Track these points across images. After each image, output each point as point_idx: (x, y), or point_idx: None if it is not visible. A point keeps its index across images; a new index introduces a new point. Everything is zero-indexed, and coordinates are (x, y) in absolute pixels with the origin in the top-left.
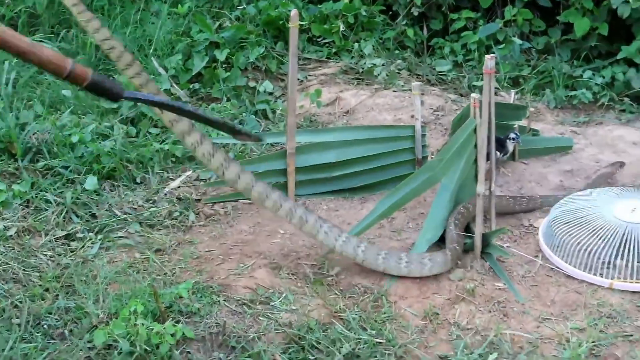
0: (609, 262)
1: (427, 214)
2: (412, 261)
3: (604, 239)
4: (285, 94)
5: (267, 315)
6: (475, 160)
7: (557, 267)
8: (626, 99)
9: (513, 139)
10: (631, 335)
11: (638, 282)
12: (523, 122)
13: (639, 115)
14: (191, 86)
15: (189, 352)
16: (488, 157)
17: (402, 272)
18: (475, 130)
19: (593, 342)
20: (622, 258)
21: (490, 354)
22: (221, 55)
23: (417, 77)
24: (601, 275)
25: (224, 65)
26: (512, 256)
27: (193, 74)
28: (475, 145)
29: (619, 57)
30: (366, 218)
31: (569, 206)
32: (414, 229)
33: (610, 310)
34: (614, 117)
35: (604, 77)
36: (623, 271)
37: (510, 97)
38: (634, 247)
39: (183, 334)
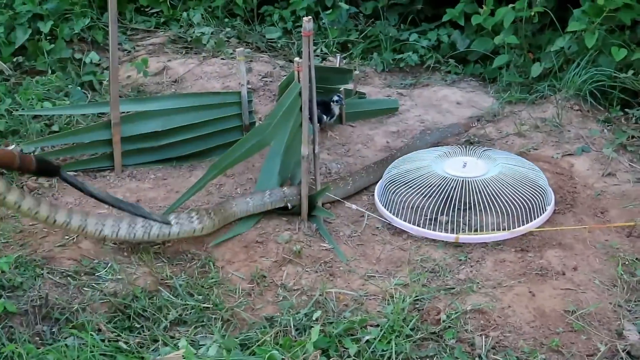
0: (451, 220)
1: (256, 179)
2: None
3: (440, 196)
4: None
5: (92, 285)
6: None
7: (387, 220)
8: (451, 61)
9: (336, 101)
10: (453, 288)
11: (482, 234)
12: (350, 86)
13: (463, 76)
14: (15, 59)
15: (11, 327)
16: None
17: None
18: (300, 93)
19: (416, 296)
20: (457, 212)
21: (315, 312)
22: (45, 27)
23: (246, 45)
24: (446, 230)
25: (48, 37)
26: (338, 217)
27: (16, 47)
28: (301, 109)
29: (444, 19)
30: (197, 184)
31: (402, 167)
32: (242, 195)
33: (433, 265)
34: (440, 79)
35: (430, 40)
36: (465, 225)
37: (337, 61)
38: (470, 199)
39: (5, 308)
